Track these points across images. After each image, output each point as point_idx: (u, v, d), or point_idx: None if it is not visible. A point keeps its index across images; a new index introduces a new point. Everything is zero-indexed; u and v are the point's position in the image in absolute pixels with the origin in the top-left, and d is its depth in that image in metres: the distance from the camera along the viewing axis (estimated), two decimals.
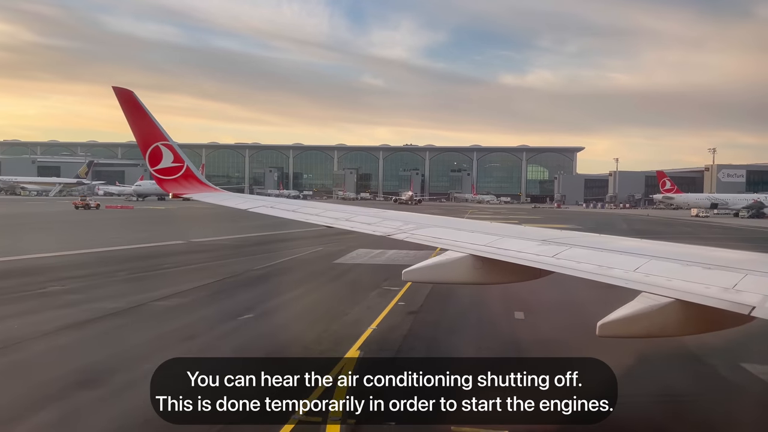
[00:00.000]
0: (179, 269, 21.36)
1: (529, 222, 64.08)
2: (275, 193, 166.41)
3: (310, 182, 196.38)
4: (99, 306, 14.46)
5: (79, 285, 17.46)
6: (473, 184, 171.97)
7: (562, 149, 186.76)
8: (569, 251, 5.52)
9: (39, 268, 20.49)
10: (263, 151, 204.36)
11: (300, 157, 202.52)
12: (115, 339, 11.71)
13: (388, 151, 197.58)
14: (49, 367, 9.69)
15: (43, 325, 12.50)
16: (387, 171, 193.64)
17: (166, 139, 11.62)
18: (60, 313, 13.68)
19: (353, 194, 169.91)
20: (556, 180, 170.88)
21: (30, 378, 9.16)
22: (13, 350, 10.58)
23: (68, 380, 8.91)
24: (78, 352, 10.84)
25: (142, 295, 15.73)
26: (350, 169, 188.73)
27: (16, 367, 9.84)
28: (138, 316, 13.79)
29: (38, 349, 10.80)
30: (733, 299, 3.94)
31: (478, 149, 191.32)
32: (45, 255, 23.55)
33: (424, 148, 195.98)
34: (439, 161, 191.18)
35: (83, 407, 7.82)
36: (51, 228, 33.17)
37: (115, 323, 12.97)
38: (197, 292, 16.75)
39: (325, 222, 8.76)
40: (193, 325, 12.88)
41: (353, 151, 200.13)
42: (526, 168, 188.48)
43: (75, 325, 12.60)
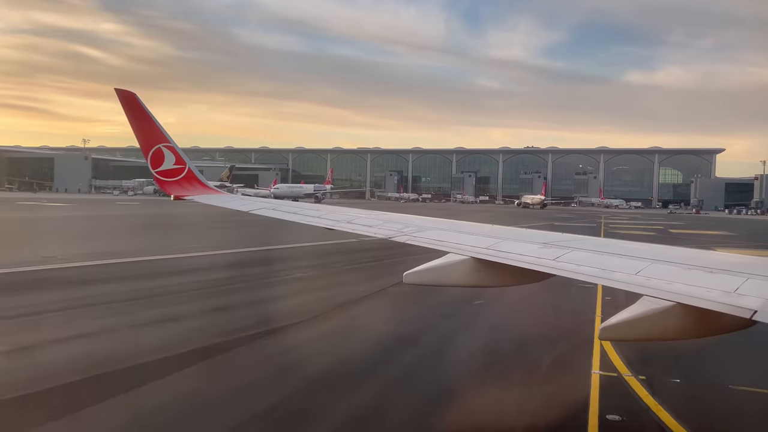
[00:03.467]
0: (376, 264, 23.54)
1: (675, 229, 61.41)
2: (395, 196, 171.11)
3: (428, 185, 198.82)
4: (352, 289, 16.90)
5: (317, 273, 20.25)
6: (600, 187, 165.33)
7: (699, 151, 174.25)
8: (571, 254, 5.52)
9: (269, 259, 23.80)
10: (383, 155, 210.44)
11: (419, 160, 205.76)
12: (402, 309, 13.95)
13: (508, 154, 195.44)
14: (371, 328, 12.15)
15: (325, 301, 15.05)
16: (506, 174, 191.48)
17: (168, 141, 11.39)
18: (328, 294, 16.32)
19: (472, 197, 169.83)
20: (693, 184, 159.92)
21: (372, 329, 11.58)
22: (327, 317, 13.11)
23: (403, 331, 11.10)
24: (381, 317, 13.21)
25: (373, 283, 17.83)
26: (468, 172, 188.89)
27: (352, 323, 12.36)
28: (391, 297, 16.02)
29: (351, 315, 13.34)
30: (735, 303, 3.88)
31: (605, 151, 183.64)
32: (260, 248, 27.04)
33: (546, 150, 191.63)
34: (562, 164, 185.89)
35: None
36: (241, 227, 37.13)
37: (382, 301, 15.28)
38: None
39: (326, 224, 8.50)
40: (444, 303, 14.76)
41: (472, 154, 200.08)
42: (658, 171, 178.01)
43: (352, 301, 15.05)
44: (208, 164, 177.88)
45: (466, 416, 7.76)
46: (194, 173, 11.87)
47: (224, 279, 18.24)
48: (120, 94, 10.90)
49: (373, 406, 7.99)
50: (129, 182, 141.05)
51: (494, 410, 7.93)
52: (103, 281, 17.22)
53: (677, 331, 4.44)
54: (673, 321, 4.34)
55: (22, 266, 18.86)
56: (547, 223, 61.15)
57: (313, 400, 8.15)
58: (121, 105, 10.94)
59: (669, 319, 4.35)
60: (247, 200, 12.86)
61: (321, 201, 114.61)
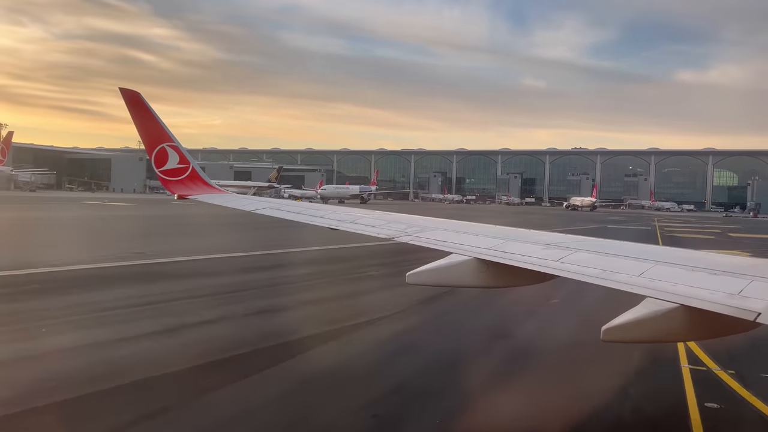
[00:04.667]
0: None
1: (735, 233, 59.84)
2: (439, 198, 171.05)
3: (472, 186, 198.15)
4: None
5: (389, 271, 21.20)
6: (651, 189, 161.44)
7: (757, 152, 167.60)
8: (574, 255, 5.51)
9: (342, 258, 24.90)
10: (427, 156, 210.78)
11: (463, 161, 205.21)
12: (481, 304, 14.73)
13: (555, 155, 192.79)
14: (457, 323, 12.98)
15: (406, 297, 15.90)
16: (553, 175, 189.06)
17: (172, 140, 11.31)
18: (406, 290, 17.16)
19: (517, 199, 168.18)
20: (749, 186, 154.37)
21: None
22: (414, 311, 14.08)
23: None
24: (460, 312, 14.01)
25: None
26: (514, 173, 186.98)
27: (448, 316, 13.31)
28: (464, 294, 16.78)
29: (436, 310, 14.28)
30: (739, 305, 3.87)
31: (656, 152, 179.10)
32: (329, 247, 28.13)
33: (594, 152, 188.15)
34: (611, 165, 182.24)
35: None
36: (284, 228, 38.54)
37: (457, 298, 16.07)
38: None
39: (329, 224, 8.55)
40: (520, 302, 15.37)
41: (517, 155, 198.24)
42: (712, 173, 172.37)
43: (430, 298, 15.88)
44: (256, 165, 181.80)
45: (579, 402, 8.46)
46: (198, 172, 11.79)
47: (304, 275, 19.46)
48: (124, 93, 10.81)
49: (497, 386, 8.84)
50: None
51: (603, 393, 8.67)
52: (201, 275, 18.80)
53: (681, 333, 4.39)
54: (677, 322, 4.28)
55: (124, 260, 20.53)
56: (599, 226, 60.63)
57: (437, 378, 9.19)
58: (126, 104, 10.84)
59: (673, 321, 4.27)
60: (251, 200, 12.87)
61: (367, 202, 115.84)
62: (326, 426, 7.34)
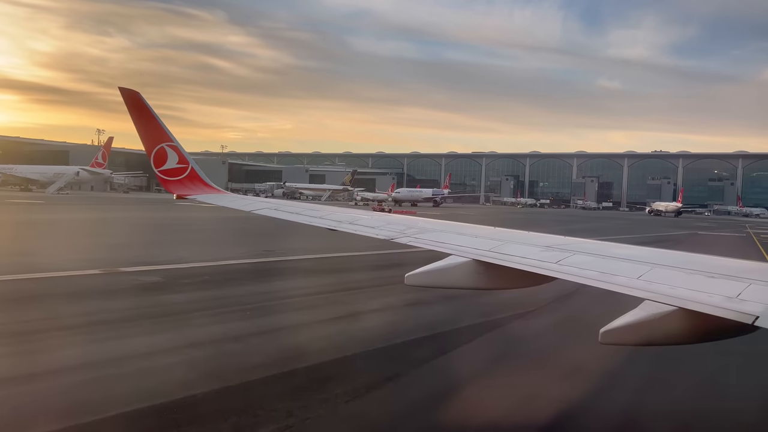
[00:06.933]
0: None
1: None
2: (511, 201, 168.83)
3: (545, 190, 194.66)
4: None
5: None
6: (738, 195, 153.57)
7: None
8: (573, 257, 5.54)
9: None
10: (498, 159, 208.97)
11: (536, 164, 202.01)
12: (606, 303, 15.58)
13: (634, 158, 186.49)
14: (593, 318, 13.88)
15: (535, 296, 16.94)
16: (631, 179, 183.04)
17: (171, 140, 11.36)
18: (532, 290, 18.25)
19: (594, 203, 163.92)
20: None
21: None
22: (549, 308, 15.07)
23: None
24: (593, 309, 14.81)
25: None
26: (590, 177, 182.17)
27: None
28: (588, 294, 17.64)
29: (571, 308, 15.21)
30: (737, 308, 3.89)
31: (744, 156, 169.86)
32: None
33: (676, 155, 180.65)
34: (693, 169, 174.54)
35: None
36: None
37: (583, 298, 17.00)
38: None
39: (328, 225, 8.59)
40: None
41: (593, 158, 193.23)
42: None
43: (558, 298, 16.91)
44: (330, 169, 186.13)
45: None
46: (197, 172, 11.83)
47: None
48: (124, 93, 10.85)
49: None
50: (261, 185, 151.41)
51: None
52: (342, 271, 20.54)
53: (679, 336, 4.41)
54: (674, 325, 4.29)
55: (263, 257, 22.67)
56: (690, 232, 59.10)
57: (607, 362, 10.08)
58: (125, 104, 10.92)
59: (671, 324, 4.29)
60: (249, 200, 13.02)
61: (440, 205, 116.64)
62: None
